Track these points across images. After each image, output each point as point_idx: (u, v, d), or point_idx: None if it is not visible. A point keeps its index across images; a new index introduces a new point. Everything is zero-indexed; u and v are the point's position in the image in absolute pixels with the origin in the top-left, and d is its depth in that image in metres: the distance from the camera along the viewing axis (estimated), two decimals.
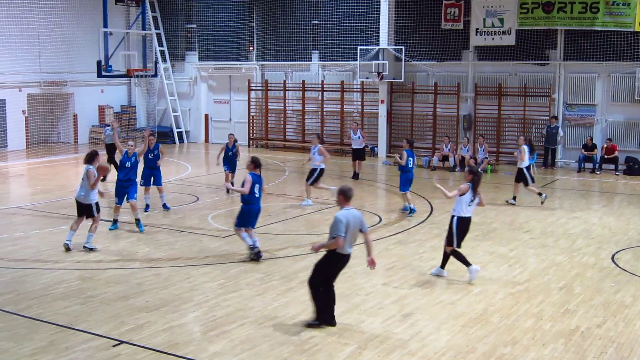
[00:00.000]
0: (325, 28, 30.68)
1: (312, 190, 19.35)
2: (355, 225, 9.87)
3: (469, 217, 12.43)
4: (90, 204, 14.10)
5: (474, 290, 11.85)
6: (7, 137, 29.53)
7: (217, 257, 13.66)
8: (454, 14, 27.93)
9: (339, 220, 9.67)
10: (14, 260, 13.41)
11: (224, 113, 34.50)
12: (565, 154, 27.10)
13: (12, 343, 9.30)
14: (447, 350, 9.25)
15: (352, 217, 9.83)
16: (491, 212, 18.38)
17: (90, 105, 33.17)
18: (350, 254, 10.02)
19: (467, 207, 12.29)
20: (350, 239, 9.88)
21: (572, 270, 13.14)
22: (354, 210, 9.98)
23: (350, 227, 9.75)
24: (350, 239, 9.87)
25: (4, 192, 21.60)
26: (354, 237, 9.94)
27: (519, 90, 27.30)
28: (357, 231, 9.97)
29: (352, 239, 9.92)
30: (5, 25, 28.24)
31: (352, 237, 9.90)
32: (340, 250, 9.80)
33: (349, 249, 9.92)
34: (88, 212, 14.18)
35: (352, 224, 9.79)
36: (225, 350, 9.17)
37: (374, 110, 29.71)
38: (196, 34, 34.22)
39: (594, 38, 25.72)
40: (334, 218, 9.79)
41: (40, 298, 11.17)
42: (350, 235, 9.83)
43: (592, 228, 16.81)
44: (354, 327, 10.01)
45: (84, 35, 30.71)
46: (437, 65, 28.58)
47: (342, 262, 10.02)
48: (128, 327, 9.91)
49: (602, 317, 10.61)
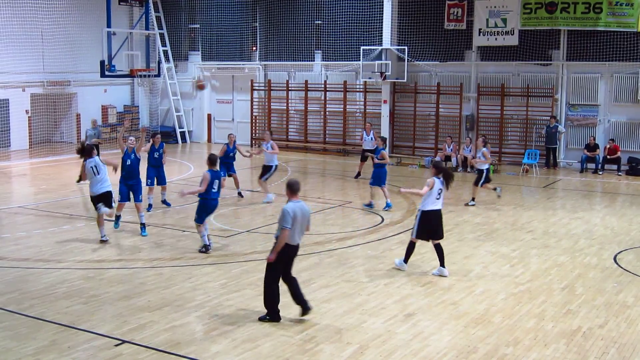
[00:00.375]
0: (328, 28, 30.70)
1: (309, 190, 19.34)
2: (303, 217, 10.17)
3: (436, 210, 12.74)
4: (106, 192, 14.35)
5: (476, 290, 11.86)
6: (11, 137, 29.56)
7: (219, 257, 13.67)
8: (457, 14, 27.93)
9: (286, 213, 9.96)
10: (17, 260, 13.44)
11: (226, 113, 34.54)
12: (567, 155, 27.09)
13: (15, 342, 9.32)
14: (449, 350, 9.26)
15: (300, 210, 10.11)
16: (493, 213, 18.39)
17: (94, 105, 33.17)
18: (298, 244, 10.29)
19: (434, 201, 12.62)
20: (299, 230, 10.16)
21: (574, 271, 13.14)
22: (302, 203, 10.27)
23: (297, 219, 10.04)
24: (298, 230, 10.15)
25: (7, 192, 21.64)
26: (302, 228, 10.24)
27: (522, 91, 27.29)
28: (305, 223, 10.28)
29: (300, 230, 10.21)
30: (9, 25, 28.28)
31: (300, 228, 10.20)
32: (289, 241, 10.04)
33: (297, 239, 10.21)
34: (106, 201, 14.38)
35: (299, 216, 10.07)
36: (227, 350, 9.18)
37: (377, 110, 29.69)
38: (199, 34, 34.26)
39: (597, 38, 25.71)
40: (282, 210, 10.02)
41: (43, 297, 11.19)
42: (299, 227, 10.11)
43: (595, 228, 16.81)
44: (356, 327, 10.02)
45: (87, 35, 30.76)
46: (440, 66, 28.58)
47: (292, 252, 10.26)
48: (130, 327, 9.92)
49: (604, 317, 10.61)
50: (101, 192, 14.38)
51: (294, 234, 10.05)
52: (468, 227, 16.65)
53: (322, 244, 14.96)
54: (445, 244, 14.92)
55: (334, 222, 17.20)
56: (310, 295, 11.41)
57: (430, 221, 12.67)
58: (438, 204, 12.72)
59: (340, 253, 14.19)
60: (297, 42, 31.57)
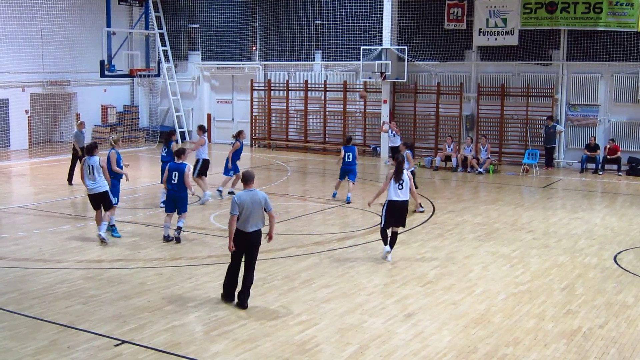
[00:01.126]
0: (328, 28, 30.70)
1: (309, 190, 19.33)
2: (254, 205, 10.53)
3: (401, 201, 13.42)
4: (104, 192, 14.49)
5: (476, 290, 11.85)
6: (10, 137, 29.54)
7: (219, 257, 13.65)
8: (457, 14, 27.93)
9: (233, 201, 10.53)
10: (17, 260, 13.43)
11: (226, 113, 34.54)
12: (567, 155, 27.09)
13: (14, 342, 9.31)
14: (449, 350, 9.25)
15: (250, 198, 10.53)
16: (494, 213, 18.38)
17: (93, 105, 33.19)
18: (251, 232, 10.61)
19: (396, 191, 13.35)
20: (250, 219, 10.54)
21: (574, 271, 13.13)
22: (254, 191, 10.67)
23: (245, 208, 10.46)
24: (250, 218, 10.53)
25: (6, 192, 21.63)
26: (255, 216, 10.60)
27: (522, 91, 27.29)
28: (260, 211, 10.66)
29: (253, 219, 10.58)
30: (8, 24, 28.25)
31: (253, 216, 10.57)
32: (240, 227, 10.54)
33: (249, 227, 10.58)
34: (104, 201, 14.57)
35: (248, 205, 10.48)
36: (227, 350, 9.17)
37: (377, 110, 29.71)
38: (199, 33, 34.26)
39: (597, 38, 25.72)
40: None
41: (42, 297, 11.18)
42: (250, 215, 10.51)
43: (595, 228, 16.80)
44: (356, 327, 10.01)
45: (87, 35, 30.74)
46: (440, 65, 28.58)
47: (246, 240, 10.66)
48: (130, 327, 9.92)
49: (605, 317, 10.60)
50: (94, 193, 14.52)
51: (244, 221, 10.52)
52: (468, 227, 16.64)
53: (322, 244, 14.95)
54: (446, 244, 14.98)
55: (334, 222, 17.19)
56: (310, 295, 11.43)
57: (399, 210, 13.49)
58: (403, 194, 13.42)
59: (340, 253, 14.19)
60: (297, 42, 31.58)
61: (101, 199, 14.57)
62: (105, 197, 14.58)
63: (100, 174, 14.50)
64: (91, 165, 14.41)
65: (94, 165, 14.40)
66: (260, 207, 10.63)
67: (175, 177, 14.56)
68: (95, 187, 14.46)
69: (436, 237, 15.65)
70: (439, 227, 16.57)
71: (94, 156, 14.50)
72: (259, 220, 10.70)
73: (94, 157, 14.49)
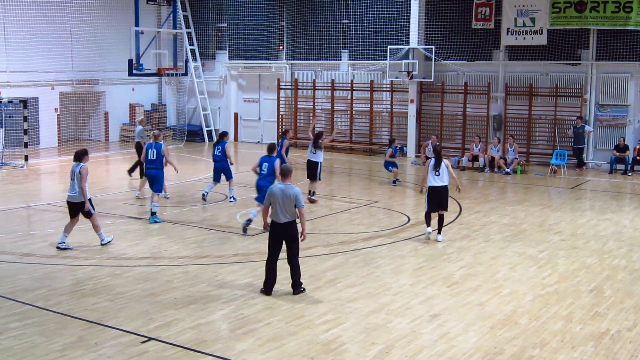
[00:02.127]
0: (355, 27, 30.66)
1: (335, 190, 19.29)
2: (284, 198, 11.09)
3: (439, 186, 15.07)
4: (81, 203, 13.88)
5: (503, 291, 11.78)
6: (40, 135, 29.87)
7: (245, 255, 13.71)
8: (484, 14, 27.75)
9: (266, 193, 11.37)
10: (45, 257, 13.57)
11: (253, 112, 34.64)
12: (596, 155, 26.82)
13: (43, 338, 9.41)
14: (475, 351, 9.20)
15: (281, 191, 11.13)
16: (521, 214, 18.26)
17: (121, 104, 33.48)
18: (284, 222, 11.16)
19: (434, 178, 15.01)
20: (281, 210, 11.12)
21: (602, 273, 13.00)
22: (287, 185, 11.24)
23: (277, 199, 11.10)
24: (280, 209, 11.13)
25: (36, 189, 21.88)
26: (285, 208, 11.14)
27: (550, 91, 27.06)
28: (288, 204, 11.16)
29: (282, 210, 11.13)
30: (39, 24, 28.56)
31: (282, 208, 11.13)
32: (273, 218, 11.27)
33: (282, 218, 11.15)
34: (83, 211, 13.94)
35: (279, 197, 11.09)
36: (253, 348, 9.20)
37: (404, 109, 29.62)
38: (226, 33, 34.38)
39: (627, 38, 25.42)
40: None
41: (70, 294, 11.30)
42: (280, 206, 11.11)
43: (624, 230, 16.62)
44: (381, 327, 9.99)
45: (115, 34, 31.01)
46: (468, 65, 28.43)
47: (278, 229, 11.27)
48: (156, 324, 9.98)
49: (633, 320, 10.48)
50: (72, 201, 13.97)
51: (276, 211, 11.11)
52: (495, 228, 16.55)
53: (348, 243, 14.95)
54: (473, 244, 14.91)
55: (360, 222, 17.17)
56: (336, 294, 11.43)
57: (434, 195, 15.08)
58: (438, 180, 14.99)
59: (366, 253, 14.17)
60: (323, 41, 31.56)
61: (78, 208, 13.98)
62: (81, 207, 13.90)
63: (76, 181, 13.82)
64: (74, 171, 13.86)
65: (75, 172, 13.82)
66: (289, 199, 11.09)
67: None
68: (73, 194, 13.90)
69: (463, 237, 15.58)
70: (466, 228, 16.50)
71: (81, 163, 13.88)
72: (289, 211, 11.15)
73: (81, 163, 13.87)
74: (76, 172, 13.81)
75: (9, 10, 27.93)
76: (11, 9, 27.93)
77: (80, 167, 13.81)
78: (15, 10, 27.99)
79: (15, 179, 23.24)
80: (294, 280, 11.44)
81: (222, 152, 18.78)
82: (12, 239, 14.96)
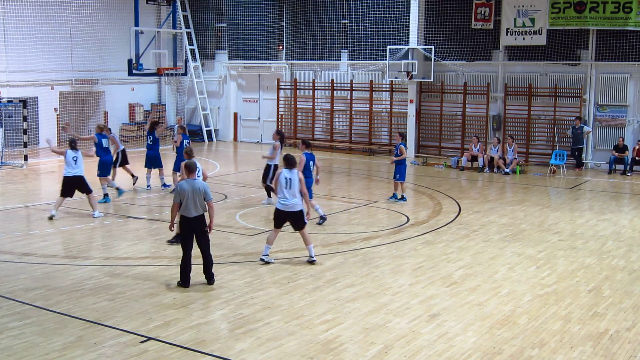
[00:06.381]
0: (354, 27, 30.67)
1: (334, 190, 19.28)
2: (194, 193, 11.60)
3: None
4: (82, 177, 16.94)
5: (502, 291, 11.79)
6: (39, 134, 29.84)
7: (244, 255, 13.71)
8: (484, 14, 27.77)
9: (176, 189, 11.89)
10: (45, 256, 13.58)
11: (253, 112, 34.65)
12: (595, 156, 26.83)
13: (42, 338, 9.42)
14: (473, 351, 9.21)
15: (191, 186, 11.59)
16: (520, 214, 18.27)
17: (121, 103, 33.42)
18: (195, 216, 11.70)
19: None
20: (192, 205, 11.61)
21: (601, 273, 13.01)
22: (195, 180, 11.76)
23: (187, 195, 11.57)
24: (192, 204, 11.61)
25: (35, 189, 21.89)
26: (196, 203, 11.64)
27: (550, 91, 27.08)
28: (199, 198, 11.67)
29: (194, 204, 11.63)
30: (38, 24, 28.54)
31: (194, 202, 11.62)
32: (183, 213, 11.71)
33: (193, 212, 11.66)
34: (81, 187, 16.90)
35: (189, 192, 11.56)
36: (252, 348, 9.20)
37: (403, 110, 29.64)
38: (226, 32, 34.38)
39: (627, 38, 25.45)
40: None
41: (70, 294, 11.30)
42: (191, 201, 11.59)
43: (623, 230, 16.64)
44: (380, 327, 10.00)
45: (115, 33, 31.00)
46: (467, 65, 28.45)
47: (189, 224, 11.79)
48: (156, 324, 9.99)
49: (632, 320, 10.50)
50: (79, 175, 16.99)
51: (187, 206, 11.58)
52: (494, 228, 16.56)
53: (347, 243, 14.96)
54: (472, 244, 14.92)
55: (359, 222, 17.18)
56: (335, 294, 11.44)
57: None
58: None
59: (365, 252, 14.18)
60: (323, 41, 31.59)
61: (79, 184, 16.99)
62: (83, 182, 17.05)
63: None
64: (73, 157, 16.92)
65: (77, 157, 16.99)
66: (199, 194, 11.65)
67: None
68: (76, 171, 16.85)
69: (462, 237, 15.59)
70: (465, 228, 16.51)
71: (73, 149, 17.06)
72: (201, 204, 11.71)
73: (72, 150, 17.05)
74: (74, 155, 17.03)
75: (9, 10, 27.91)
76: (11, 9, 27.91)
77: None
78: (15, 10, 27.96)
79: (14, 178, 23.26)
80: (208, 271, 11.89)
81: (153, 140, 20.80)
82: (12, 238, 14.97)
